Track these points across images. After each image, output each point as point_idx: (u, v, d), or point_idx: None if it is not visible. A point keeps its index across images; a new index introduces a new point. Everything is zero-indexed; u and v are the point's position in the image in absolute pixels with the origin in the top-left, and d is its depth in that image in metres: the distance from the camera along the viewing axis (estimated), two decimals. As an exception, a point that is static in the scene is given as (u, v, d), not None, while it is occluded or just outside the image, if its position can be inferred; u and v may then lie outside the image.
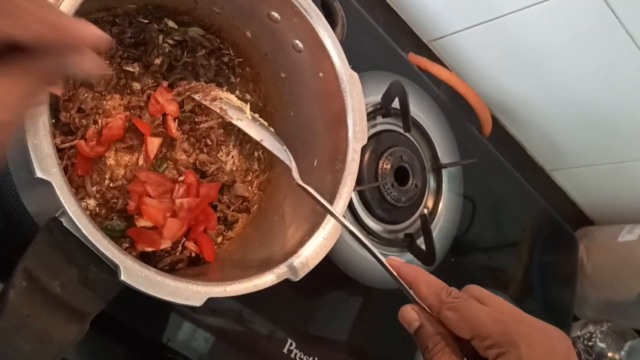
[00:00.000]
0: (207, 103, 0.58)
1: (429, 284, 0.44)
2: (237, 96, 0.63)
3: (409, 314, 0.44)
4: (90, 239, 0.40)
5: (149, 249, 0.55)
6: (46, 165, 0.38)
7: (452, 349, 0.41)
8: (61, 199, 0.39)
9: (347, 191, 0.54)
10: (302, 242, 0.51)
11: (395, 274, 0.45)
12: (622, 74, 0.96)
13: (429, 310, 0.44)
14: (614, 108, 1.04)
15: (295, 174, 0.52)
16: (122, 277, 0.40)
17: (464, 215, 0.96)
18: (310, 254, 0.50)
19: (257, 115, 0.56)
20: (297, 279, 0.49)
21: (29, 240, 0.40)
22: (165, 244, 0.56)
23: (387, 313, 0.81)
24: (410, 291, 0.45)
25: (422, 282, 0.44)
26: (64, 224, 0.40)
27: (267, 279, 0.48)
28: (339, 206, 0.53)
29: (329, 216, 0.52)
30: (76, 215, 0.39)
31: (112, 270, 0.41)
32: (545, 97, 1.08)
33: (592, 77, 0.99)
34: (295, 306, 0.73)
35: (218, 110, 0.57)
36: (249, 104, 0.57)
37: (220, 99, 0.58)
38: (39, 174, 0.38)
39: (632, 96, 1.00)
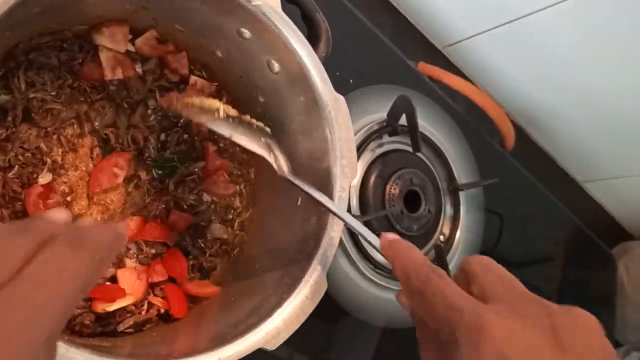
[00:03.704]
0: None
1: None
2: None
3: None
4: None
5: (110, 309, 0.48)
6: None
7: None
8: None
9: (333, 237, 0.45)
10: (280, 302, 0.43)
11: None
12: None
13: None
14: (652, 112, 0.94)
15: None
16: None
17: (490, 232, 0.88)
18: (287, 317, 0.42)
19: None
20: (272, 349, 0.41)
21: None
22: (127, 301, 0.48)
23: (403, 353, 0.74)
24: None
25: None
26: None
27: (232, 350, 0.40)
28: (320, 254, 0.45)
29: (312, 267, 0.44)
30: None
31: None
32: (574, 103, 0.98)
33: (625, 79, 0.89)
34: (317, 330, 0.67)
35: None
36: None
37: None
38: None
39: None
